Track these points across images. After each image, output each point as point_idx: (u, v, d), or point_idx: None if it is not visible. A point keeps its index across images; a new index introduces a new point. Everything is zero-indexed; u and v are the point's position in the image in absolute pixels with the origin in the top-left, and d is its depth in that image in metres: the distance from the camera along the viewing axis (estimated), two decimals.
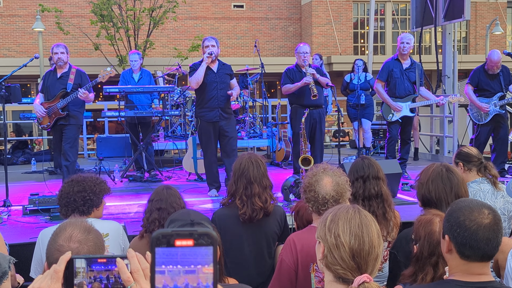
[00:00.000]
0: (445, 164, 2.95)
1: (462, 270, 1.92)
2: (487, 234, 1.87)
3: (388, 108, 6.83)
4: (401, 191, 5.95)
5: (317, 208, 2.61)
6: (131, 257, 1.09)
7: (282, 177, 6.29)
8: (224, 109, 5.98)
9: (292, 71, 6.60)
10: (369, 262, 1.75)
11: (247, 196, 3.29)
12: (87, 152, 11.09)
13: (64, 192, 3.13)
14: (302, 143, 6.25)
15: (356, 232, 1.76)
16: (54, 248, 1.76)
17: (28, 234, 4.36)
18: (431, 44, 20.14)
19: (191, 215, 2.07)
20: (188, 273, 0.90)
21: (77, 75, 6.15)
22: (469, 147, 3.92)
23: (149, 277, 1.08)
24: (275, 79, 21.63)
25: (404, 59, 6.87)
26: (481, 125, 7.09)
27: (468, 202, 1.98)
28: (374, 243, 1.76)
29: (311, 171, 2.73)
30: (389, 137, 7.03)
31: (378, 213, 3.19)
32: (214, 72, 5.97)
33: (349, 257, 1.74)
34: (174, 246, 0.90)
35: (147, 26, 15.72)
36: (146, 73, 7.72)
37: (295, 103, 6.63)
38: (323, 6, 20.07)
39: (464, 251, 1.89)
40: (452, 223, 1.93)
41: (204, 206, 5.52)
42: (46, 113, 6.09)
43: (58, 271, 1.07)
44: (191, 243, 0.90)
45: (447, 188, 2.77)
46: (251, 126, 9.35)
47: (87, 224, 1.85)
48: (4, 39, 18.99)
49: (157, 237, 0.91)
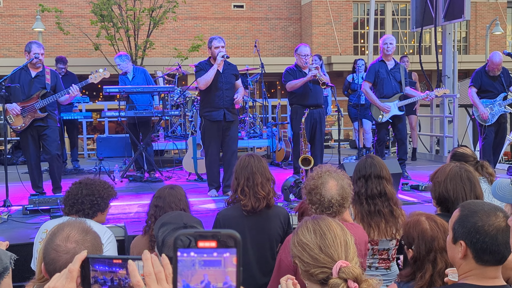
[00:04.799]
0: (461, 164, 2.96)
1: (477, 274, 1.87)
2: (505, 237, 1.84)
3: (378, 109, 6.88)
4: (401, 191, 5.95)
5: (321, 211, 2.60)
6: (146, 260, 1.06)
7: (282, 177, 6.29)
8: (229, 109, 5.97)
9: (292, 70, 6.61)
10: (339, 249, 1.78)
11: (249, 186, 3.30)
12: (87, 152, 11.09)
13: (72, 193, 3.17)
14: (302, 143, 6.25)
15: (314, 228, 1.85)
16: (51, 247, 1.75)
17: (28, 234, 4.36)
18: (431, 44, 20.13)
19: (183, 218, 2.04)
20: (211, 275, 0.89)
21: (53, 76, 5.86)
22: (463, 148, 3.95)
23: (163, 281, 1.06)
24: (275, 79, 21.62)
25: (388, 59, 7.00)
26: (488, 126, 7.09)
27: (480, 205, 1.92)
28: (336, 232, 1.82)
29: (315, 172, 2.73)
30: (377, 139, 7.14)
31: (384, 211, 3.21)
32: (220, 73, 5.97)
33: (318, 252, 1.78)
34: (196, 247, 0.90)
35: (147, 26, 15.71)
36: (139, 71, 7.68)
37: (295, 103, 6.64)
38: (323, 6, 20.06)
39: (484, 256, 1.84)
40: (469, 229, 1.86)
41: (204, 206, 5.52)
42: (20, 112, 5.64)
43: (72, 270, 1.06)
44: (214, 244, 0.89)
45: (466, 188, 2.77)
46: (251, 126, 9.35)
47: (85, 225, 1.85)
48: (4, 39, 18.98)
49: (179, 238, 0.90)
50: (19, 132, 5.78)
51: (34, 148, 5.79)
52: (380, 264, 3.31)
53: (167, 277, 1.07)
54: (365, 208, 3.27)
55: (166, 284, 1.06)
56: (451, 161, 3.71)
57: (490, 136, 7.13)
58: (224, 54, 5.90)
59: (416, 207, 5.17)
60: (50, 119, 5.80)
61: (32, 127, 5.73)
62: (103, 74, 6.01)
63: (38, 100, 5.69)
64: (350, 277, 1.67)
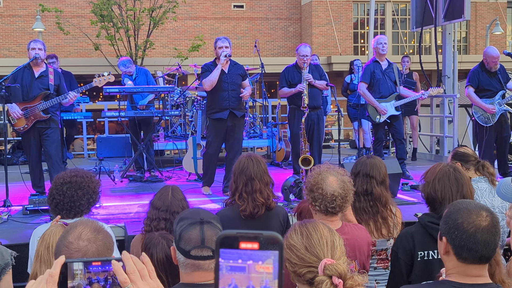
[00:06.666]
0: (452, 164, 2.96)
1: (459, 272, 1.92)
2: (485, 236, 1.87)
3: (375, 110, 6.88)
4: (401, 191, 5.95)
5: (325, 206, 2.60)
6: (126, 259, 1.10)
7: (282, 177, 6.29)
8: (235, 109, 5.95)
9: (290, 71, 6.60)
10: (324, 249, 1.80)
11: (247, 192, 3.28)
12: (87, 152, 11.09)
13: (67, 196, 3.08)
14: (302, 143, 6.26)
15: (301, 230, 1.88)
16: (63, 244, 1.76)
17: (28, 234, 4.35)
18: (431, 44, 20.13)
19: (200, 213, 2.05)
20: (252, 276, 0.89)
21: (56, 76, 5.81)
22: (464, 147, 3.94)
23: (146, 277, 1.09)
24: (275, 79, 21.61)
25: (382, 60, 7.01)
26: (489, 127, 6.85)
27: (466, 204, 1.97)
28: (322, 232, 1.85)
29: (314, 171, 2.74)
30: (374, 139, 7.14)
31: (368, 210, 3.23)
32: (225, 73, 5.94)
33: (304, 252, 1.81)
34: (238, 248, 0.90)
35: (147, 26, 15.72)
36: (141, 71, 7.71)
37: (293, 103, 6.64)
38: (323, 6, 20.06)
39: (462, 253, 1.89)
40: (450, 225, 1.92)
41: (204, 206, 5.52)
42: (23, 114, 5.63)
43: (53, 274, 1.06)
44: (257, 246, 0.89)
45: (453, 188, 2.76)
46: (251, 126, 9.35)
47: (98, 224, 1.86)
48: (4, 39, 18.98)
49: (221, 238, 0.90)
50: (22, 133, 5.78)
51: (35, 148, 5.79)
52: (378, 264, 3.32)
53: (150, 273, 1.13)
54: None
55: (150, 280, 1.12)
56: (452, 161, 3.71)
57: (492, 136, 6.90)
58: (227, 53, 5.85)
59: (416, 207, 5.17)
60: (53, 121, 5.79)
61: (34, 128, 5.72)
62: (107, 78, 5.98)
63: (41, 101, 5.66)
64: (335, 274, 1.68)
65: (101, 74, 6.01)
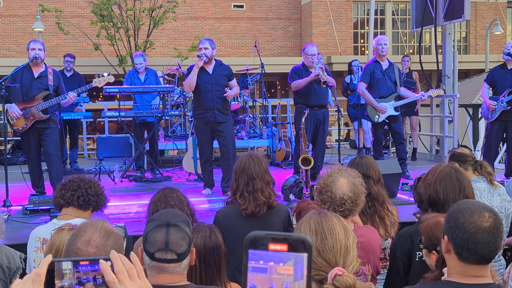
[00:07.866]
0: (452, 165, 2.96)
1: (460, 272, 1.92)
2: (486, 237, 1.86)
3: (374, 110, 6.89)
4: (401, 191, 5.95)
5: (334, 209, 2.54)
6: (114, 259, 1.09)
7: (282, 177, 6.29)
8: (220, 110, 5.96)
9: (299, 70, 6.63)
10: (337, 256, 1.75)
11: (248, 192, 3.29)
12: (87, 152, 11.09)
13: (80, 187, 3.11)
14: (302, 143, 6.26)
15: (316, 228, 1.79)
16: (71, 250, 1.74)
17: (28, 234, 4.35)
18: (431, 44, 20.13)
19: (169, 216, 1.99)
20: (280, 278, 0.89)
21: (55, 76, 5.77)
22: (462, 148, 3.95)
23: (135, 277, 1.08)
24: (275, 79, 21.63)
25: (382, 60, 7.01)
26: (491, 123, 6.82)
27: (470, 204, 1.97)
28: (338, 237, 1.77)
29: (325, 172, 2.70)
30: (374, 139, 7.15)
31: (366, 211, 3.22)
32: (209, 74, 5.96)
33: (316, 255, 1.75)
34: (267, 250, 0.90)
35: (147, 26, 15.72)
36: (152, 73, 7.77)
37: (300, 103, 6.65)
38: (323, 6, 20.06)
39: (462, 253, 1.89)
40: (451, 224, 1.92)
41: (204, 206, 5.53)
42: (22, 114, 5.59)
43: (40, 274, 1.04)
44: (285, 248, 0.90)
45: (456, 189, 2.75)
46: (251, 126, 9.35)
47: (108, 225, 1.83)
48: (4, 39, 18.99)
49: (250, 239, 0.90)
50: (21, 133, 5.76)
51: (35, 148, 5.78)
52: None
53: (138, 273, 1.11)
54: None
55: (138, 280, 1.11)
56: (450, 161, 3.71)
57: (493, 134, 6.82)
58: (201, 54, 5.83)
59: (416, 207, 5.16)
60: (52, 122, 5.78)
61: (34, 128, 5.70)
62: (107, 78, 5.98)
63: (40, 101, 5.65)
64: (342, 287, 1.65)
65: (101, 75, 6.01)
